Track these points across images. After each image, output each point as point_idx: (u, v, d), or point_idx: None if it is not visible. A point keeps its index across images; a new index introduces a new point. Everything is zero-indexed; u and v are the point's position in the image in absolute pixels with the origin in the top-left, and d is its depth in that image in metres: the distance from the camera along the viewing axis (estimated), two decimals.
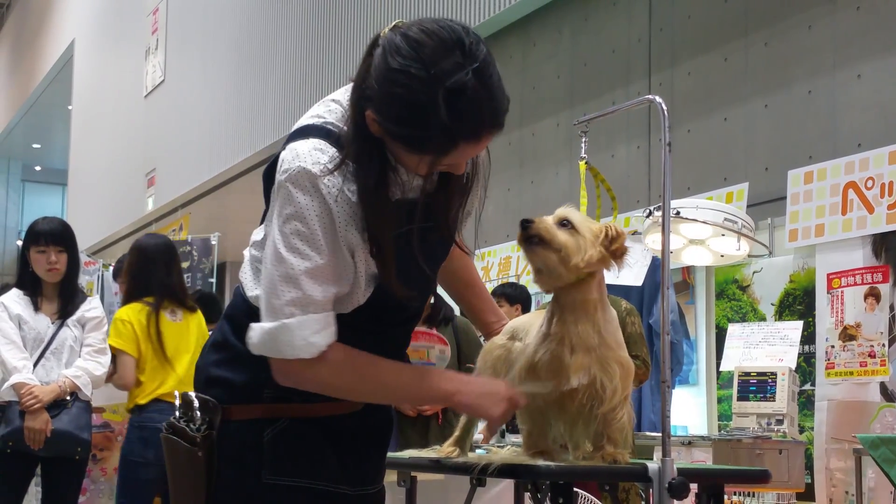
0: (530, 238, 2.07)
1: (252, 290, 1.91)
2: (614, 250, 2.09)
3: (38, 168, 26.53)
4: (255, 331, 1.83)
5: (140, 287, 4.69)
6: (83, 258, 11.08)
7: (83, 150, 18.34)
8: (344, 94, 1.88)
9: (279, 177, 1.82)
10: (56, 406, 4.37)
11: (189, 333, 4.71)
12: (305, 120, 1.91)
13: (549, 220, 2.09)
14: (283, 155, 1.85)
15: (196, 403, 1.93)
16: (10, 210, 26.05)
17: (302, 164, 1.78)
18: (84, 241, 14.33)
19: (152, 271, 4.67)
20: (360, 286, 1.86)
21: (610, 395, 2.08)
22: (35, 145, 25.01)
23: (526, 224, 2.07)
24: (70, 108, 19.46)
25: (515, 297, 5.75)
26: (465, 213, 2.00)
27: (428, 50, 1.71)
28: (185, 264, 11.88)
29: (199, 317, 4.79)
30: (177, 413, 1.98)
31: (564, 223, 2.08)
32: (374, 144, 1.79)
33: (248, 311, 1.91)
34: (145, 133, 14.88)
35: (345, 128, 1.83)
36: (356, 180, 1.79)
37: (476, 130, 1.76)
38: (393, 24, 1.80)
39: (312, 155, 1.79)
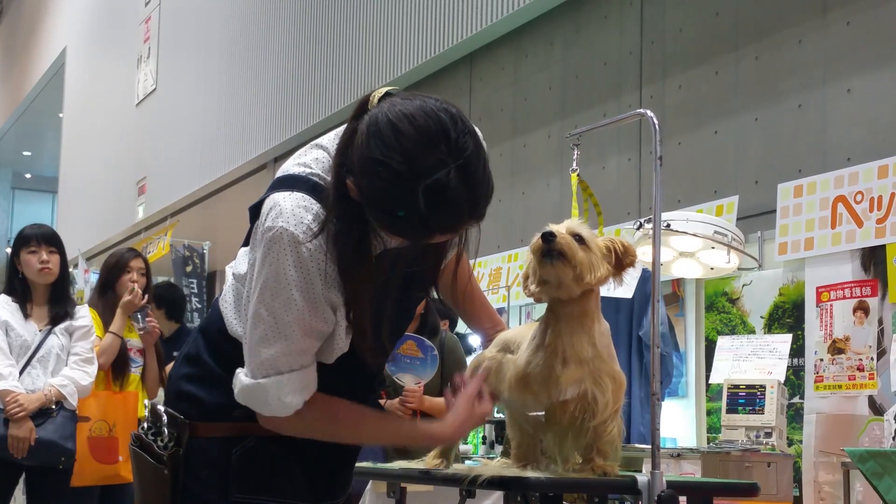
0: (551, 251, 2.07)
1: (232, 320, 1.90)
2: (628, 263, 2.12)
3: (28, 175, 26.45)
4: (237, 380, 1.84)
5: None
6: (82, 265, 11.04)
7: (74, 157, 18.30)
8: (332, 140, 1.84)
9: (261, 231, 1.78)
10: (41, 415, 4.31)
11: None
12: (291, 167, 1.86)
13: (568, 235, 2.08)
14: (267, 204, 1.80)
15: (164, 418, 1.93)
16: None
17: (285, 226, 1.74)
18: (74, 250, 14.27)
19: None
20: (342, 336, 1.85)
21: (602, 409, 2.08)
22: (25, 153, 24.94)
23: (550, 237, 2.06)
24: (61, 115, 19.43)
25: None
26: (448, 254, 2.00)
27: (411, 143, 1.64)
28: (187, 269, 11.92)
29: None
30: (145, 425, 1.99)
31: (577, 238, 2.08)
32: (354, 209, 1.74)
33: (224, 332, 1.91)
34: (136, 141, 14.85)
35: (330, 180, 1.79)
36: (335, 247, 1.75)
37: (453, 224, 1.73)
38: (384, 91, 1.75)
39: (296, 214, 1.75)
